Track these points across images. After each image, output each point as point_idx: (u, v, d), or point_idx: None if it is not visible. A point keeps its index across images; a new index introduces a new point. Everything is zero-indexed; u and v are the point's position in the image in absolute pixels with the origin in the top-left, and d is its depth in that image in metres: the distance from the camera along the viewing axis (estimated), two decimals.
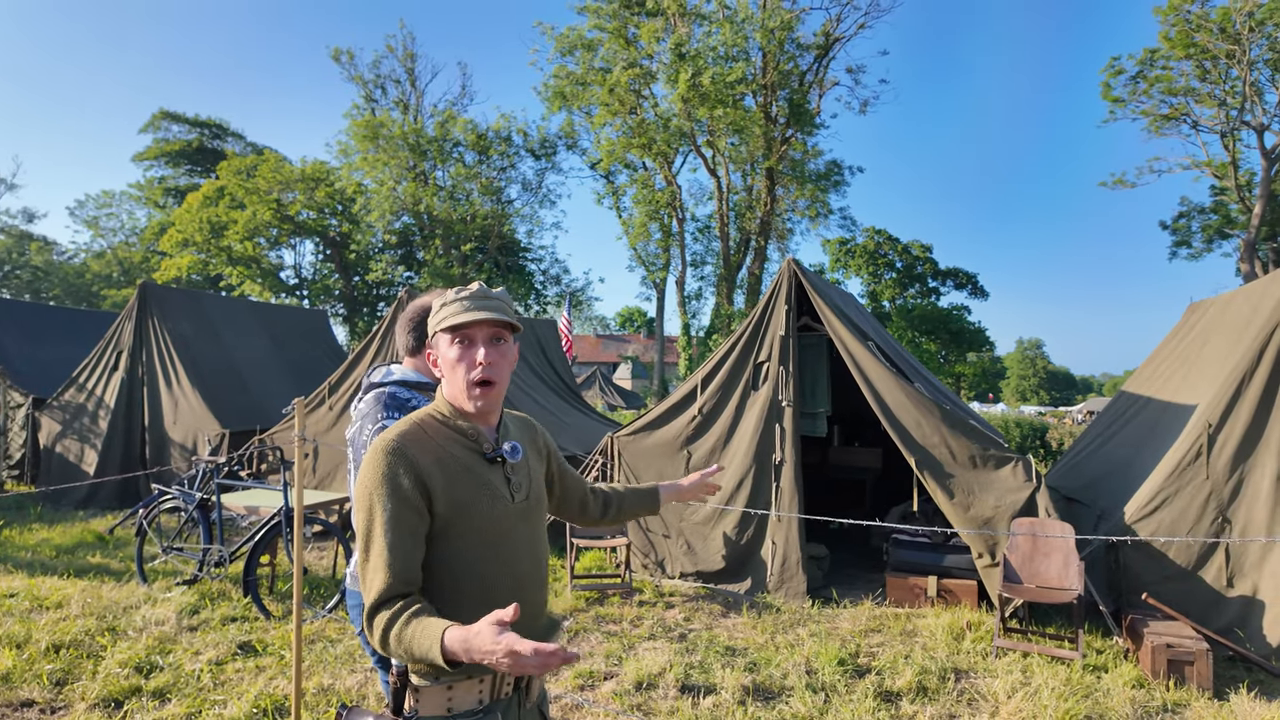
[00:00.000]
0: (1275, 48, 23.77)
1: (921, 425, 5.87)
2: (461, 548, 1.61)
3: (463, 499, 1.61)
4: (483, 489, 1.65)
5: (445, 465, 1.62)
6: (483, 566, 1.63)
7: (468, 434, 1.70)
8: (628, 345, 60.85)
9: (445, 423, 1.70)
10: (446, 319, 1.67)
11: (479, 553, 1.63)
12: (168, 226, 34.83)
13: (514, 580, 1.68)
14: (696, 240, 30.15)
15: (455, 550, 1.61)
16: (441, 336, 1.70)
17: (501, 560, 1.66)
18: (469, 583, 1.62)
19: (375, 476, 1.56)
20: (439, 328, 1.69)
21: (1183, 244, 30.96)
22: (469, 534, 1.62)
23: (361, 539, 1.57)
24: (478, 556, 1.63)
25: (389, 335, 8.50)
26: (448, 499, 1.59)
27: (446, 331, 1.68)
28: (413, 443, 1.61)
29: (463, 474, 1.64)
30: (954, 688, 4.46)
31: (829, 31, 26.52)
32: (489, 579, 1.64)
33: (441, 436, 1.66)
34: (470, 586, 1.62)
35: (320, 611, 5.48)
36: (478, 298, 1.69)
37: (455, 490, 1.61)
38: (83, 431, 9.84)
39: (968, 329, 35.33)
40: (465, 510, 1.61)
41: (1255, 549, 5.09)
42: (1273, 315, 5.36)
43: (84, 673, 4.40)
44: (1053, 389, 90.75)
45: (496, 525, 1.65)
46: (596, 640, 5.18)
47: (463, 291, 1.70)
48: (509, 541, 1.68)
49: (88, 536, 7.91)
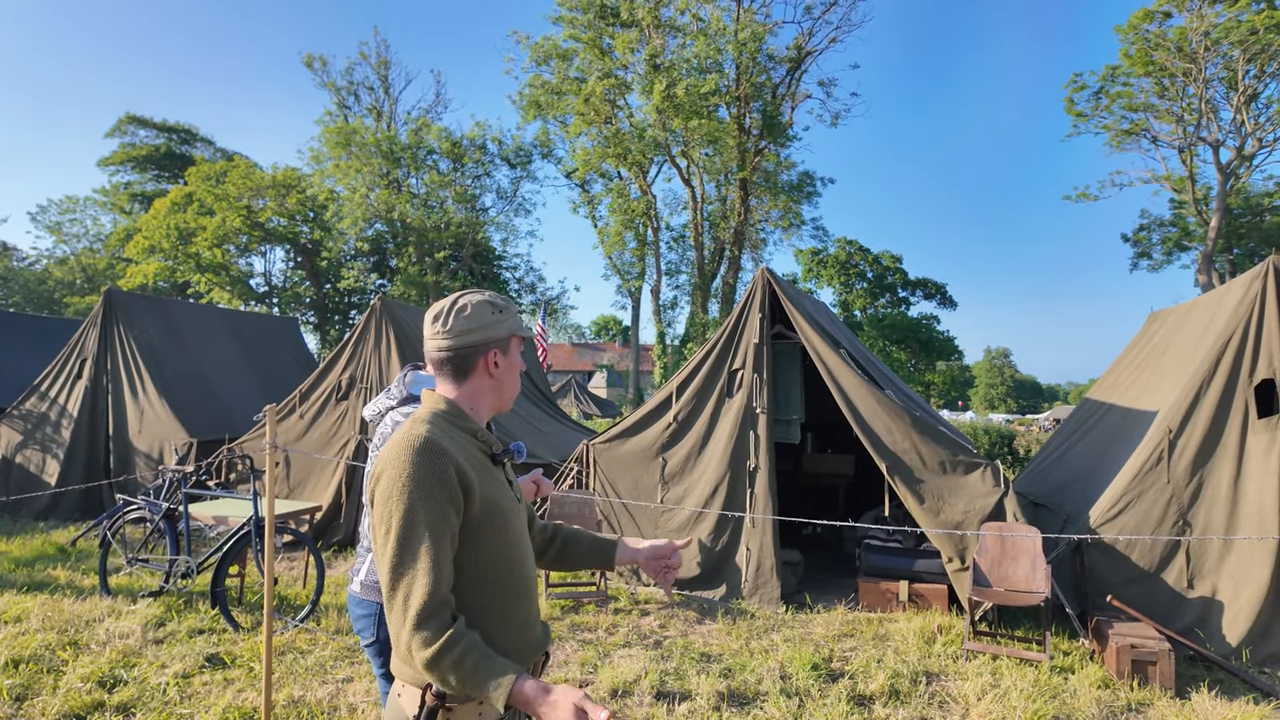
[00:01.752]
0: (1230, 66, 24.58)
1: (892, 431, 5.96)
2: (491, 548, 1.59)
3: (493, 498, 1.60)
4: (502, 489, 1.65)
5: (474, 463, 1.60)
6: (507, 568, 1.62)
7: (479, 435, 1.69)
8: (603, 354, 60.84)
9: (458, 423, 1.67)
10: (521, 327, 1.77)
11: (505, 554, 1.62)
12: (134, 233, 34.15)
13: (528, 583, 1.68)
14: (671, 249, 30.31)
15: (485, 550, 1.58)
16: (515, 342, 1.77)
17: (519, 561, 1.66)
18: (493, 586, 1.59)
19: (416, 473, 1.48)
20: (522, 332, 1.77)
21: (1143, 256, 31.80)
22: (498, 534, 1.60)
23: (396, 541, 1.46)
24: (505, 558, 1.62)
25: (361, 343, 8.43)
26: (482, 498, 1.57)
27: (520, 339, 1.78)
28: (446, 438, 1.57)
29: (486, 474, 1.63)
30: (925, 691, 4.52)
31: (801, 45, 26.87)
32: (512, 581, 1.63)
33: (458, 437, 1.63)
34: (493, 589, 1.59)
35: (291, 622, 5.40)
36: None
37: (486, 489, 1.59)
38: (44, 441, 9.60)
39: (937, 338, 35.91)
40: (496, 509, 1.60)
41: (1214, 552, 5.23)
42: (1229, 324, 5.53)
43: (44, 688, 4.29)
44: (1020, 397, 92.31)
45: (516, 525, 1.66)
46: (572, 648, 5.17)
47: (507, 301, 1.77)
48: (523, 542, 1.70)
49: (49, 548, 7.70)
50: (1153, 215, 31.17)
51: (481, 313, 1.71)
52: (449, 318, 1.69)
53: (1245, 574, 5.11)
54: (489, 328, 1.70)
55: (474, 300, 1.73)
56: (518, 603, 1.64)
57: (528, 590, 1.68)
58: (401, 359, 8.19)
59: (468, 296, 1.74)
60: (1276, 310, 5.40)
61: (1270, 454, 5.19)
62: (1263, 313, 5.44)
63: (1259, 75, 24.53)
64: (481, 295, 1.76)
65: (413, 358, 8.24)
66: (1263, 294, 5.48)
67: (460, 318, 1.69)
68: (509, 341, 1.74)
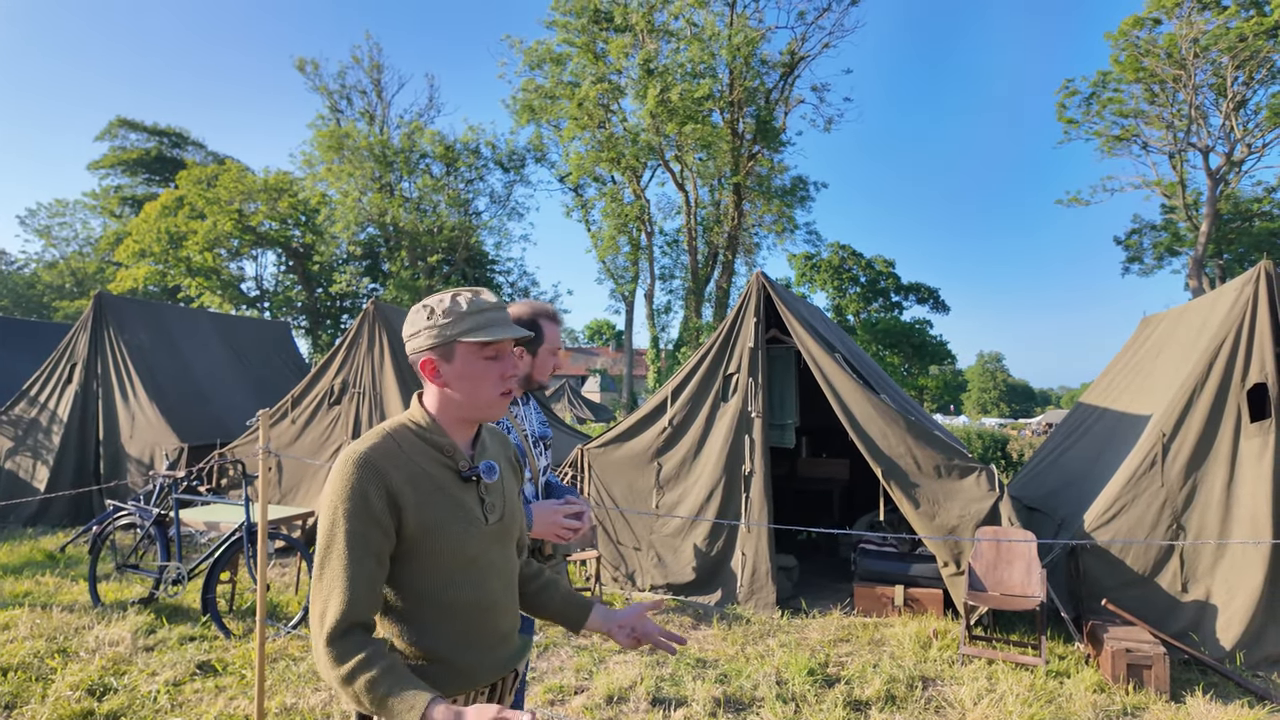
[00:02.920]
0: (1219, 73, 24.79)
1: (887, 436, 5.96)
2: (429, 570, 1.52)
3: (433, 520, 1.52)
4: (456, 510, 1.56)
5: (417, 483, 1.52)
6: (451, 592, 1.55)
7: (444, 449, 1.60)
8: (596, 358, 60.83)
9: (422, 435, 1.59)
10: (478, 332, 1.56)
11: (447, 577, 1.54)
12: (124, 236, 33.97)
13: (485, 604, 1.60)
14: (665, 254, 30.37)
15: (422, 573, 1.52)
16: (467, 348, 1.58)
17: (472, 584, 1.57)
18: (434, 607, 1.54)
19: (342, 490, 1.45)
20: (469, 339, 1.55)
21: (1135, 260, 32.02)
22: (437, 556, 1.52)
23: (320, 555, 1.45)
24: (446, 581, 1.54)
25: (354, 348, 8.39)
26: (418, 519, 1.50)
27: (479, 345, 1.58)
28: (384, 456, 1.50)
29: (435, 493, 1.54)
30: (922, 696, 4.51)
31: (794, 50, 26.99)
32: (457, 604, 1.56)
33: (415, 451, 1.56)
34: (436, 611, 1.54)
35: (283, 629, 5.35)
36: (500, 309, 1.62)
37: (426, 510, 1.51)
38: (34, 446, 9.52)
39: (930, 343, 36.03)
40: (435, 532, 1.52)
41: (1207, 556, 5.24)
42: (1221, 328, 5.56)
43: (33, 696, 4.23)
44: (1012, 401, 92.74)
45: (467, 549, 1.56)
46: (566, 654, 5.14)
47: (484, 301, 1.61)
48: (478, 566, 1.59)
49: (37, 555, 7.63)
50: (1144, 220, 31.45)
51: (415, 318, 1.61)
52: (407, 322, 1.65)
53: (1239, 578, 5.12)
54: (418, 335, 1.59)
55: (422, 302, 1.62)
56: (473, 625, 1.58)
57: (486, 610, 1.60)
58: (395, 364, 8.15)
59: (426, 298, 1.64)
60: (1268, 315, 5.43)
61: (1263, 458, 5.21)
62: (1255, 317, 5.46)
63: (1248, 82, 24.76)
64: (433, 296, 1.63)
65: (406, 363, 8.21)
66: (1254, 299, 5.51)
67: (408, 322, 1.64)
68: (452, 348, 1.57)
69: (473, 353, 1.58)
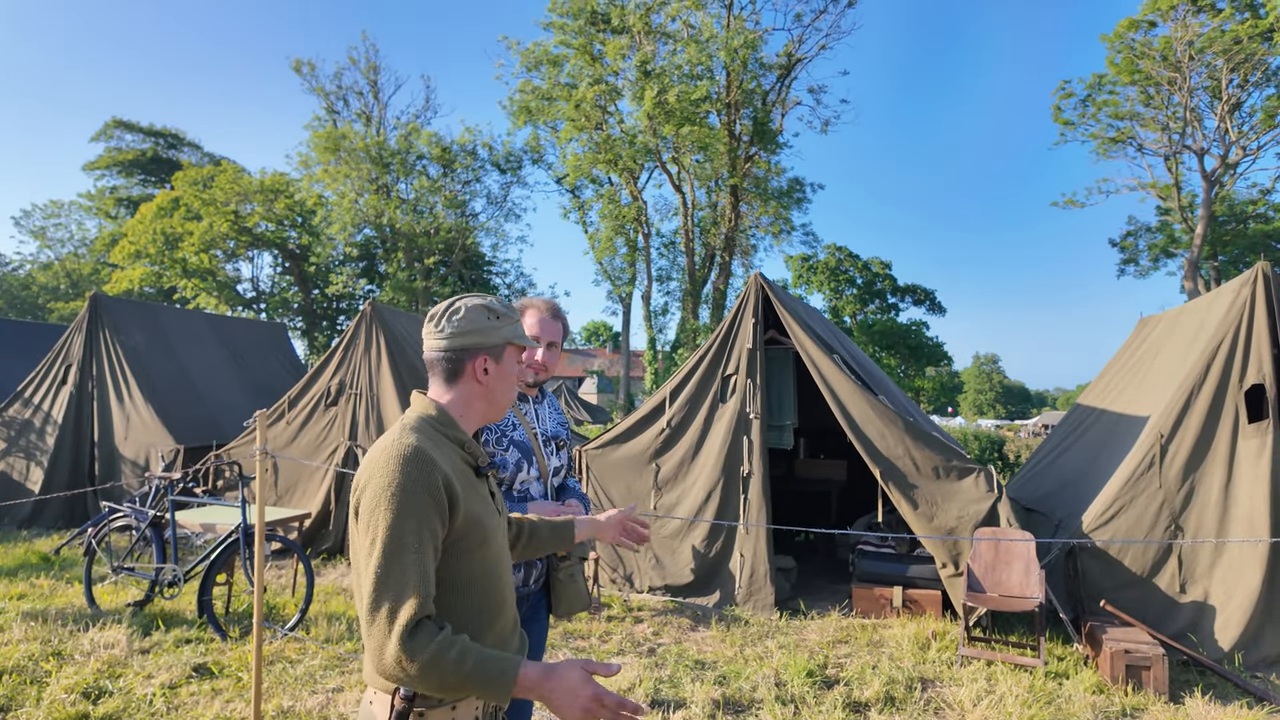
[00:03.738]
0: (1214, 75, 24.88)
1: (886, 437, 5.96)
2: (471, 561, 1.58)
3: (475, 512, 1.58)
4: (485, 504, 1.64)
5: (459, 476, 1.58)
6: (486, 581, 1.61)
7: (466, 446, 1.67)
8: (593, 360, 60.81)
9: (444, 432, 1.64)
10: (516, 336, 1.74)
11: (484, 567, 1.61)
12: (119, 238, 33.86)
13: (506, 595, 1.68)
14: (662, 255, 30.33)
15: (465, 565, 1.57)
16: (512, 350, 1.74)
17: (497, 575, 1.65)
18: (472, 599, 1.58)
19: (404, 482, 1.45)
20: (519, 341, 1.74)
21: (1130, 262, 32.10)
22: (478, 548, 1.59)
23: (382, 552, 1.42)
24: (484, 571, 1.60)
25: (351, 348, 8.36)
26: (466, 509, 1.55)
27: (520, 347, 1.76)
28: (434, 449, 1.54)
29: (468, 487, 1.60)
30: (921, 697, 4.50)
31: (791, 52, 27.01)
32: (490, 594, 1.62)
33: (445, 446, 1.61)
34: (472, 603, 1.58)
35: (280, 631, 5.32)
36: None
37: (469, 503, 1.57)
38: (28, 448, 9.47)
39: (926, 344, 36.05)
40: (477, 524, 1.58)
41: (1206, 557, 5.25)
42: (1219, 329, 5.57)
43: (27, 699, 4.20)
44: (1009, 403, 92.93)
45: (497, 540, 1.65)
46: (564, 656, 5.12)
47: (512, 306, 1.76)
48: (503, 556, 1.68)
49: (32, 557, 7.58)
50: (1139, 222, 31.53)
51: (475, 316, 1.70)
52: (444, 319, 1.69)
53: (1237, 579, 5.12)
54: (481, 332, 1.69)
55: (470, 304, 1.71)
56: (496, 615, 1.64)
57: (506, 602, 1.68)
58: (392, 364, 8.13)
59: (465, 299, 1.73)
60: (1266, 315, 5.44)
61: (1260, 459, 5.21)
62: (1252, 318, 5.47)
63: (1242, 84, 24.85)
64: (481, 300, 1.73)
65: (404, 363, 8.19)
66: (1252, 299, 5.51)
67: (453, 320, 1.68)
68: (503, 349, 1.71)
69: (514, 355, 1.74)
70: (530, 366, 2.48)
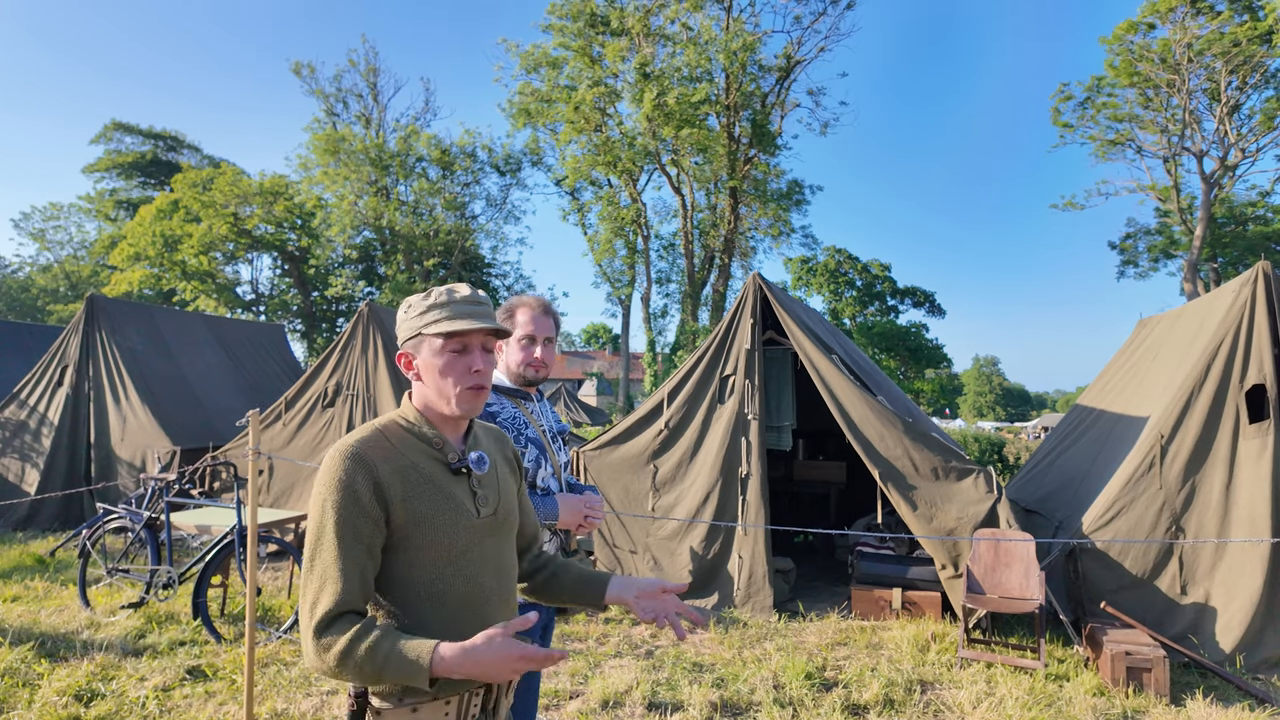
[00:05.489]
0: (1213, 78, 24.89)
1: (885, 438, 5.93)
2: (419, 562, 1.53)
3: (422, 511, 1.53)
4: (445, 502, 1.57)
5: (406, 475, 1.54)
6: (442, 583, 1.55)
7: (433, 442, 1.62)
8: (593, 362, 60.79)
9: (410, 430, 1.61)
10: (440, 323, 1.57)
11: (438, 569, 1.54)
12: (119, 240, 33.85)
13: (477, 597, 1.59)
14: (661, 258, 30.31)
15: (412, 564, 1.53)
16: (430, 341, 1.59)
17: (463, 576, 1.57)
18: (425, 600, 1.54)
19: (330, 482, 1.47)
20: (429, 331, 1.57)
21: (1130, 264, 32.09)
22: (427, 548, 1.53)
23: (309, 549, 1.46)
24: (436, 573, 1.54)
25: (348, 349, 8.34)
26: (406, 510, 1.51)
27: (439, 337, 1.58)
28: (371, 449, 1.52)
29: (424, 485, 1.55)
30: (920, 699, 4.46)
31: (790, 54, 27.01)
32: (449, 596, 1.55)
33: (405, 445, 1.58)
34: (426, 604, 1.54)
35: (275, 634, 5.29)
36: (472, 303, 1.62)
37: (414, 502, 1.53)
38: (23, 449, 9.43)
39: (926, 346, 36.03)
40: (424, 524, 1.53)
41: (1206, 558, 5.22)
42: (1219, 329, 5.54)
43: (19, 702, 4.17)
44: (1008, 405, 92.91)
45: (457, 540, 1.56)
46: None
47: (455, 294, 1.61)
48: (470, 557, 1.59)
49: (27, 559, 7.55)
50: (1138, 224, 31.51)
51: (401, 314, 1.67)
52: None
53: (1237, 580, 5.09)
54: (399, 329, 1.67)
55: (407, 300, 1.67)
56: (468, 619, 1.57)
57: (483, 606, 1.60)
58: (389, 366, 8.10)
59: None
60: (1266, 315, 5.42)
61: (1261, 459, 5.18)
62: (1253, 318, 5.45)
63: (1241, 86, 24.86)
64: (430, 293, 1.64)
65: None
66: (1252, 299, 5.49)
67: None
68: (420, 342, 1.60)
69: (433, 348, 1.60)
70: (530, 364, 2.45)
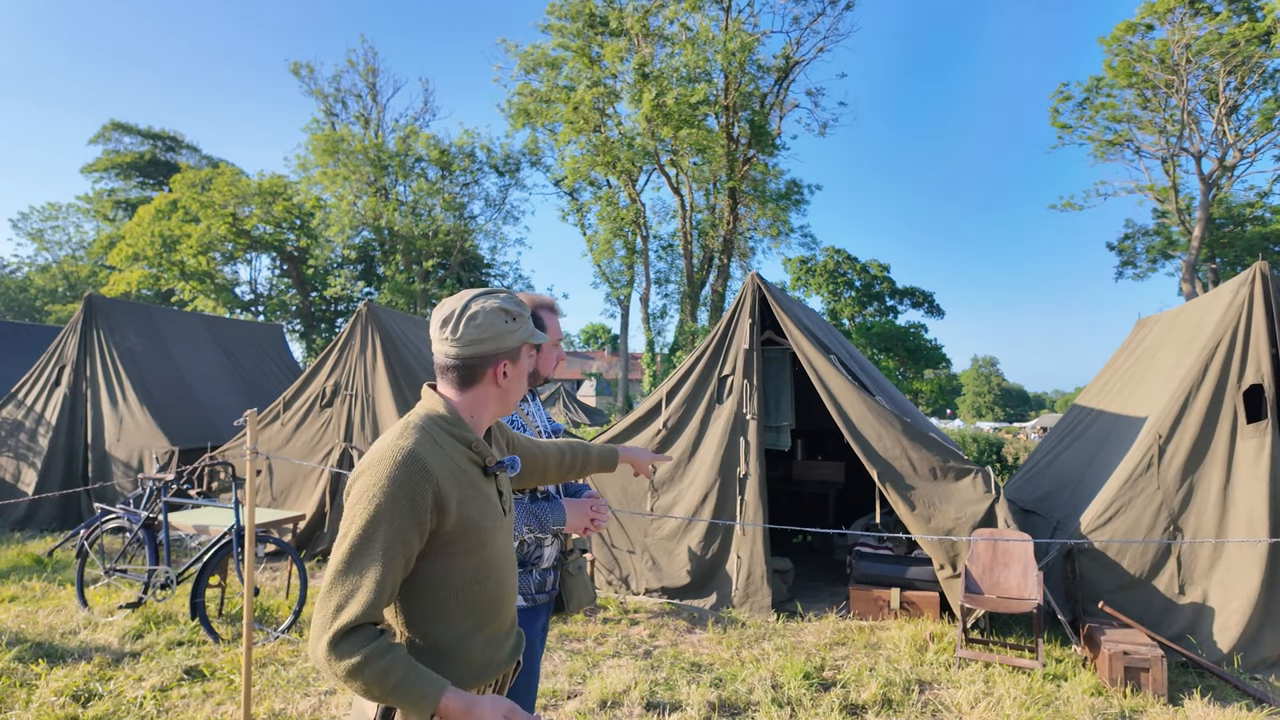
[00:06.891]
0: (1211, 79, 24.93)
1: (883, 438, 5.93)
2: (464, 564, 1.56)
3: (473, 517, 1.56)
4: (488, 504, 1.61)
5: (457, 479, 1.55)
6: (481, 584, 1.59)
7: (474, 445, 1.63)
8: (592, 362, 60.80)
9: (450, 431, 1.60)
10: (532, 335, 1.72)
11: (480, 570, 1.58)
12: (117, 240, 33.82)
13: (503, 597, 1.66)
14: (660, 258, 30.32)
15: (458, 567, 1.55)
16: (529, 349, 1.73)
17: (494, 578, 1.63)
18: (464, 599, 1.57)
19: (388, 489, 1.44)
20: (529, 341, 1.71)
21: (1128, 264, 32.14)
22: (473, 551, 1.56)
23: (349, 548, 1.42)
24: (478, 574, 1.58)
25: (346, 349, 8.33)
26: (459, 515, 1.53)
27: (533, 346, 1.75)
28: (430, 454, 1.51)
29: (470, 489, 1.58)
30: (918, 699, 4.46)
31: (789, 55, 27.04)
32: (485, 595, 1.60)
33: (449, 446, 1.58)
34: (463, 603, 1.57)
35: (273, 634, 5.28)
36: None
37: (466, 507, 1.55)
38: (21, 449, 9.42)
39: (925, 347, 36.03)
40: (473, 527, 1.55)
41: (1204, 558, 5.22)
42: (1217, 329, 5.55)
43: (16, 702, 4.16)
44: (1007, 405, 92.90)
45: (496, 542, 1.62)
46: (560, 659, 5.08)
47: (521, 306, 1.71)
48: (500, 559, 1.64)
49: (24, 559, 7.54)
50: (1137, 225, 31.56)
51: (493, 321, 1.62)
52: (459, 324, 1.61)
53: (1235, 580, 5.10)
54: (500, 338, 1.63)
55: (486, 306, 1.62)
56: (488, 617, 1.62)
57: (503, 605, 1.66)
58: (387, 365, 8.09)
59: (480, 301, 1.63)
60: (1264, 315, 5.42)
61: (1259, 459, 5.19)
62: (1250, 318, 5.45)
63: (1239, 87, 24.90)
64: (495, 300, 1.65)
65: (399, 364, 8.15)
66: (1250, 299, 5.49)
67: (471, 326, 1.60)
68: (519, 351, 1.68)
69: (526, 355, 1.72)
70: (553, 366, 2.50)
